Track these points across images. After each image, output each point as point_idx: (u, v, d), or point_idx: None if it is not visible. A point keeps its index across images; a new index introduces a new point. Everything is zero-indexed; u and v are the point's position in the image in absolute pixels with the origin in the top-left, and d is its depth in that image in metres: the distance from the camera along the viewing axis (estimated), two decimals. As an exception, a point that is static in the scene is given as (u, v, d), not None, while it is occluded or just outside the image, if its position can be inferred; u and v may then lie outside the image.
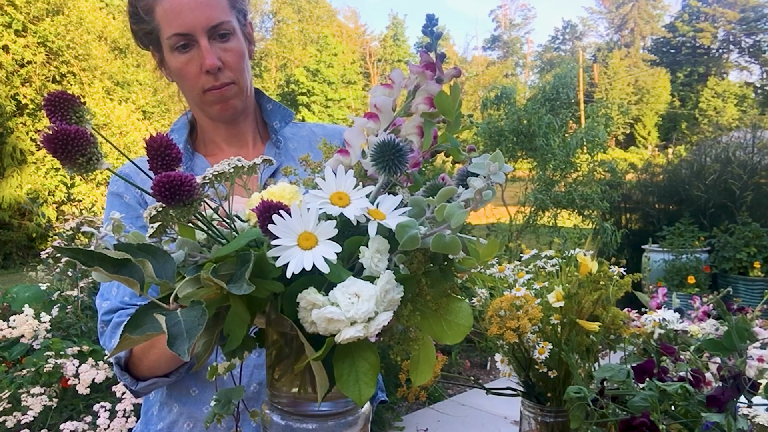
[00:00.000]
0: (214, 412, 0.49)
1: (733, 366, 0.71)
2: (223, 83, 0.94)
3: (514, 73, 40.84)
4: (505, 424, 3.01)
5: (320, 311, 0.37)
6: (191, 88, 0.96)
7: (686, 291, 4.67)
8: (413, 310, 0.42)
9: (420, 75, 0.51)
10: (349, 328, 0.37)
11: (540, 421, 0.83)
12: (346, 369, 0.40)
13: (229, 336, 0.42)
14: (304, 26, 30.88)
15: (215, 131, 1.05)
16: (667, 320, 0.88)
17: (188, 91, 0.98)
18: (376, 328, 0.38)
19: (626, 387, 0.72)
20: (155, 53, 0.99)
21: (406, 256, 0.41)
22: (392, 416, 3.13)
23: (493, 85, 10.47)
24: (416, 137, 0.51)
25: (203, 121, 1.05)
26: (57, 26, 11.17)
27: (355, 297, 0.38)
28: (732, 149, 5.87)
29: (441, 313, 0.43)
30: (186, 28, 0.90)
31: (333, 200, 0.41)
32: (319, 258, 0.38)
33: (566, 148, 5.77)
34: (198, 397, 0.91)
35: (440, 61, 0.51)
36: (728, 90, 31.29)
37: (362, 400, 0.39)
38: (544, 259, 0.91)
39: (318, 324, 0.38)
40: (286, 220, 0.39)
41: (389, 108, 0.51)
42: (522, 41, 42.76)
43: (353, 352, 0.40)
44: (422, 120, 0.50)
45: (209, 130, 1.05)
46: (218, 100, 0.96)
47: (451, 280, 0.44)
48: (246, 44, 0.99)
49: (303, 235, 0.39)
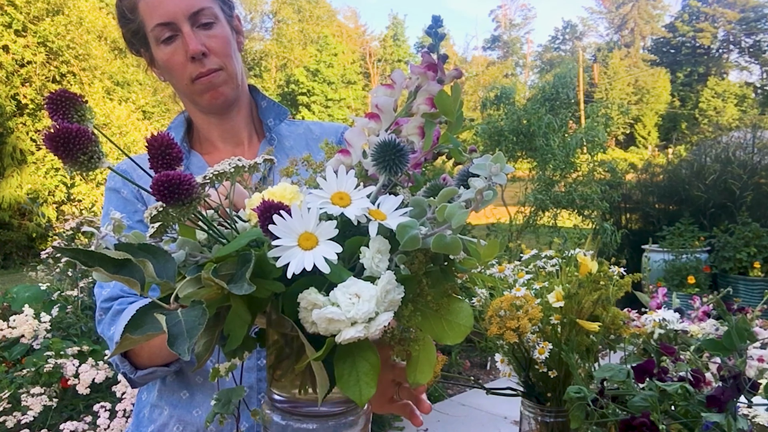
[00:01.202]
0: (215, 411, 0.49)
1: (733, 366, 0.71)
2: (210, 69, 0.93)
3: (514, 73, 40.85)
4: (505, 424, 3.01)
5: (321, 311, 0.37)
6: (180, 78, 0.95)
7: (686, 291, 4.67)
8: (414, 311, 0.43)
9: (421, 75, 0.51)
10: (349, 328, 0.37)
11: (540, 421, 0.84)
12: (347, 369, 0.40)
13: (230, 336, 0.42)
14: (304, 26, 30.88)
15: (209, 128, 1.03)
16: (667, 320, 0.88)
17: (178, 84, 0.97)
18: (376, 328, 0.38)
19: (626, 387, 0.72)
20: (145, 53, 0.99)
21: (406, 257, 0.41)
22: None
23: (493, 85, 10.47)
24: (417, 137, 0.51)
25: (197, 118, 1.04)
26: (57, 26, 11.17)
27: (356, 297, 0.38)
28: (732, 149, 5.88)
29: (442, 313, 0.43)
30: (168, 17, 0.90)
31: (334, 200, 0.41)
32: (320, 258, 0.38)
33: (566, 148, 5.77)
34: (188, 401, 0.91)
35: (442, 62, 0.51)
36: (728, 90, 31.28)
37: (363, 400, 0.39)
38: (544, 259, 0.91)
39: (319, 324, 0.38)
40: (286, 220, 0.39)
41: (390, 108, 0.51)
42: (522, 41, 42.78)
43: (354, 352, 0.40)
44: (423, 120, 0.50)
45: (204, 126, 1.04)
46: (207, 88, 0.95)
47: (452, 280, 0.44)
48: (233, 34, 0.99)
49: (303, 235, 0.39)
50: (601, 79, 34.36)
